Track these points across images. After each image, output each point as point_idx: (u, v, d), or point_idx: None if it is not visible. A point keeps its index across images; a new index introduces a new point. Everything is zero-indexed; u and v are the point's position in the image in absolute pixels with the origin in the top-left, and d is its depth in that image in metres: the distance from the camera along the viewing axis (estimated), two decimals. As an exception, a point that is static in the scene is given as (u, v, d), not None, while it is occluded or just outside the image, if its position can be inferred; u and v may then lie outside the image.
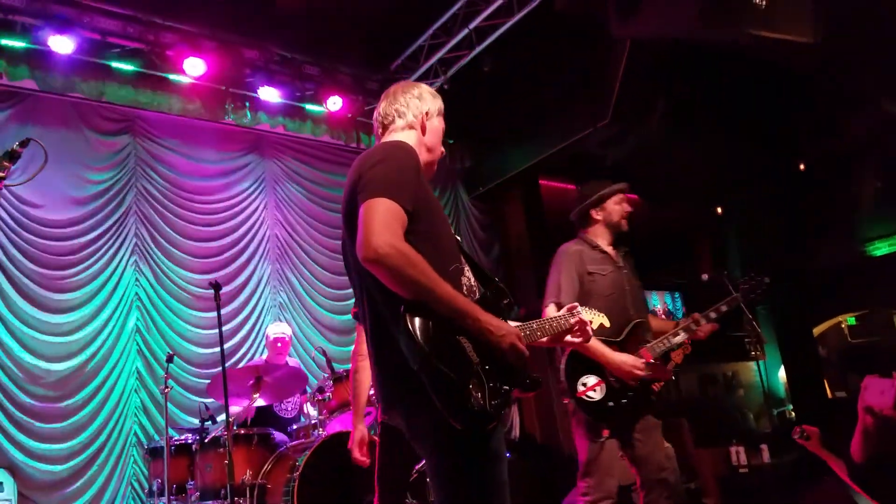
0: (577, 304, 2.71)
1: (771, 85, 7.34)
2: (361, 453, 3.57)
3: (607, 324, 2.96)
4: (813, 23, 5.63)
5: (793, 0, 5.61)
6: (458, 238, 2.39)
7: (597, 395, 3.46)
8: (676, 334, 3.67)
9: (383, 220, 1.94)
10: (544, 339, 2.53)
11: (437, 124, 2.43)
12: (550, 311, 3.49)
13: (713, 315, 3.72)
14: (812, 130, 7.98)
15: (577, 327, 2.58)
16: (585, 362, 3.51)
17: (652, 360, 3.53)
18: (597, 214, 3.84)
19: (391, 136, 2.37)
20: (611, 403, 3.47)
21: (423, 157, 2.35)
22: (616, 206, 3.84)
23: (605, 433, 3.46)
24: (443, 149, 2.48)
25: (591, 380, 3.49)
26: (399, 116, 2.39)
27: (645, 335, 3.67)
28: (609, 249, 3.84)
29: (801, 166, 8.84)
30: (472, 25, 6.82)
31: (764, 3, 5.52)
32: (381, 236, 1.90)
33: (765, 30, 5.54)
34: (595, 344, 3.43)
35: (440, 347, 1.90)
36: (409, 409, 2.07)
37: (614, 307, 3.54)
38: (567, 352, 3.54)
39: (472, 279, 2.25)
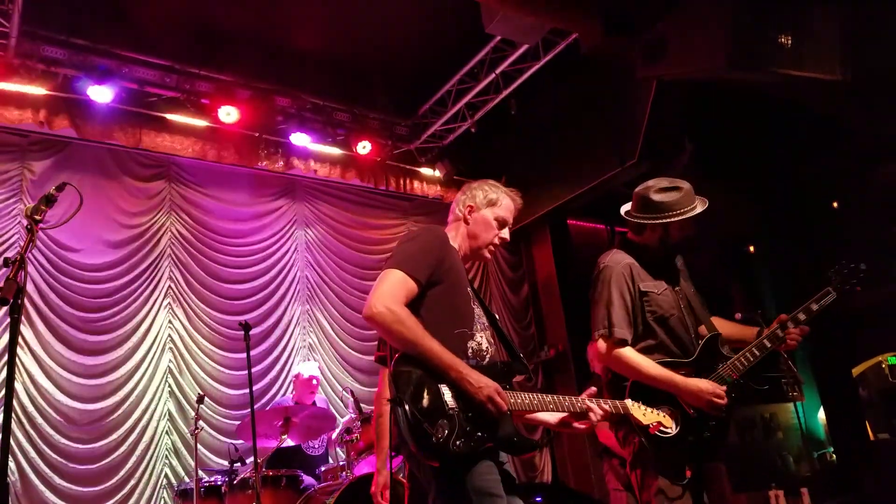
0: (594, 389, 2.61)
1: (800, 128, 7.29)
2: (384, 498, 3.51)
3: (668, 424, 2.68)
4: (840, 61, 5.60)
5: (819, 38, 5.60)
6: (497, 316, 2.72)
7: (672, 430, 2.82)
8: (761, 346, 3.04)
9: (388, 287, 2.34)
10: (546, 417, 2.59)
11: (485, 215, 2.73)
12: (601, 345, 3.03)
13: (802, 317, 3.04)
14: (842, 173, 7.89)
15: (590, 415, 2.54)
16: (652, 392, 2.91)
17: (737, 379, 2.99)
18: (653, 231, 3.15)
19: (448, 227, 2.79)
20: (690, 438, 2.86)
21: (468, 244, 2.73)
22: (678, 230, 3.13)
23: (689, 474, 2.88)
24: (502, 236, 2.75)
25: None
26: (451, 213, 2.82)
27: (721, 349, 3.07)
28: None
29: (835, 204, 8.73)
30: (498, 70, 6.94)
31: (789, 41, 5.52)
32: (381, 299, 2.30)
33: (792, 68, 5.53)
34: (659, 371, 2.92)
35: (416, 390, 2.21)
36: (409, 451, 2.26)
37: (679, 326, 3.07)
38: (630, 380, 2.96)
39: (486, 346, 2.50)
